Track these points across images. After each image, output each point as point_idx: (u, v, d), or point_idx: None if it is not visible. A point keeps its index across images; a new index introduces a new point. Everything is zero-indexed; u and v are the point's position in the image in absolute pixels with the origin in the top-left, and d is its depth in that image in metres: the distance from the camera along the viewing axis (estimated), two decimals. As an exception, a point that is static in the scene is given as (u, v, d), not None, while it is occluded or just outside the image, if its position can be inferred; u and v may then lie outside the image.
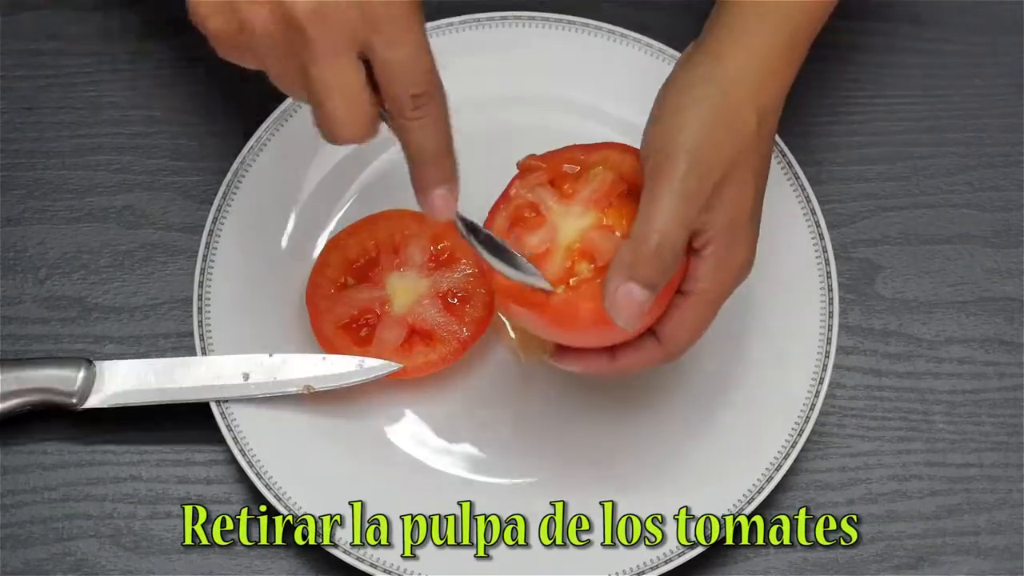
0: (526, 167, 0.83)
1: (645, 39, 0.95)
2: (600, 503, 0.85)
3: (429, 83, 0.73)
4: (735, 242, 0.77)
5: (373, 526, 0.83)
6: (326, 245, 0.90)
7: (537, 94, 0.96)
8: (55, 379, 0.85)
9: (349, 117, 0.72)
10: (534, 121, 0.95)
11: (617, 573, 0.82)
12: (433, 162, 0.75)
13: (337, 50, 0.71)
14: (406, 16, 0.71)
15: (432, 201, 0.76)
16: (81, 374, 0.85)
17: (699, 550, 0.82)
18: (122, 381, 0.86)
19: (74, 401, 0.85)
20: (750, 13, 0.80)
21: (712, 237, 0.76)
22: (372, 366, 0.86)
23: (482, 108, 0.95)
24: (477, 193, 0.83)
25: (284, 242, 0.91)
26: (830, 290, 0.88)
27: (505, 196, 0.83)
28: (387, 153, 0.92)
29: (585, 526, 0.84)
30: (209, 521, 0.86)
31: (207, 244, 0.89)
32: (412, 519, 0.84)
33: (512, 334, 0.89)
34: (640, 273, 0.73)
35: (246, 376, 0.86)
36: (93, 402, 0.85)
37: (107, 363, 0.86)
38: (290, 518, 0.83)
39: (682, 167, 0.74)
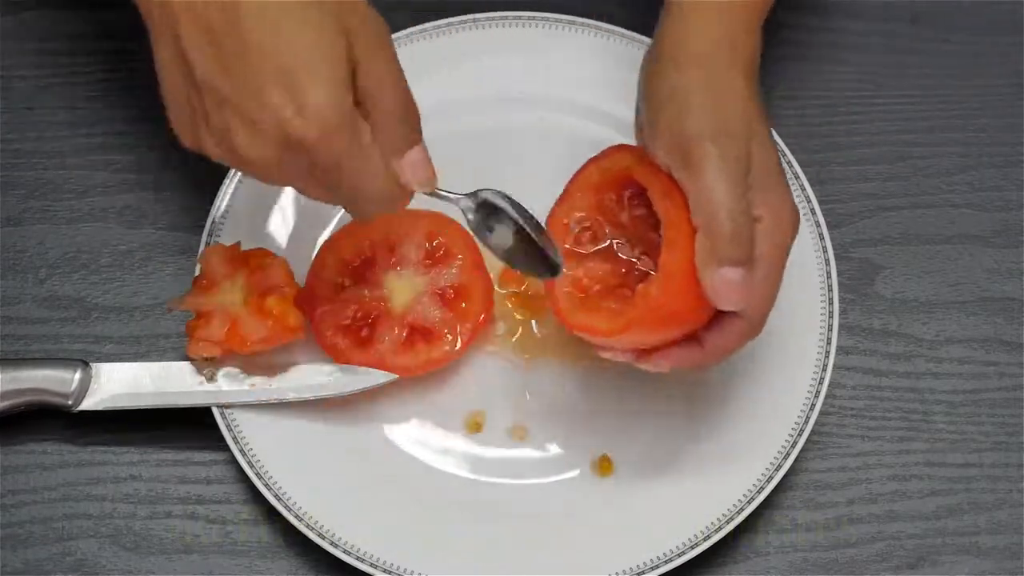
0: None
1: (645, 39, 0.95)
2: (600, 503, 0.85)
3: (407, 105, 0.76)
4: (780, 197, 0.77)
5: (373, 526, 0.83)
6: (322, 247, 0.90)
7: (537, 94, 0.96)
8: (51, 380, 0.85)
9: (381, 203, 0.76)
10: (534, 121, 0.95)
11: (617, 573, 0.82)
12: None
13: (311, 170, 0.74)
14: (343, 148, 0.73)
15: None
16: (77, 376, 0.85)
17: (699, 550, 0.82)
18: (118, 384, 0.86)
19: (69, 403, 0.85)
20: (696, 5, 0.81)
21: (759, 200, 0.76)
22: (370, 375, 0.86)
23: (482, 108, 0.95)
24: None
25: (284, 242, 0.91)
26: (830, 290, 0.88)
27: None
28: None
29: (586, 525, 0.84)
30: (209, 521, 0.86)
31: (207, 244, 0.89)
32: (412, 519, 0.84)
33: (511, 336, 0.89)
34: (726, 255, 0.74)
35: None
36: (88, 404, 0.85)
37: (104, 365, 0.86)
38: (290, 518, 0.83)
39: (715, 152, 0.75)
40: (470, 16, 0.96)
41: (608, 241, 0.82)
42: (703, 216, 0.75)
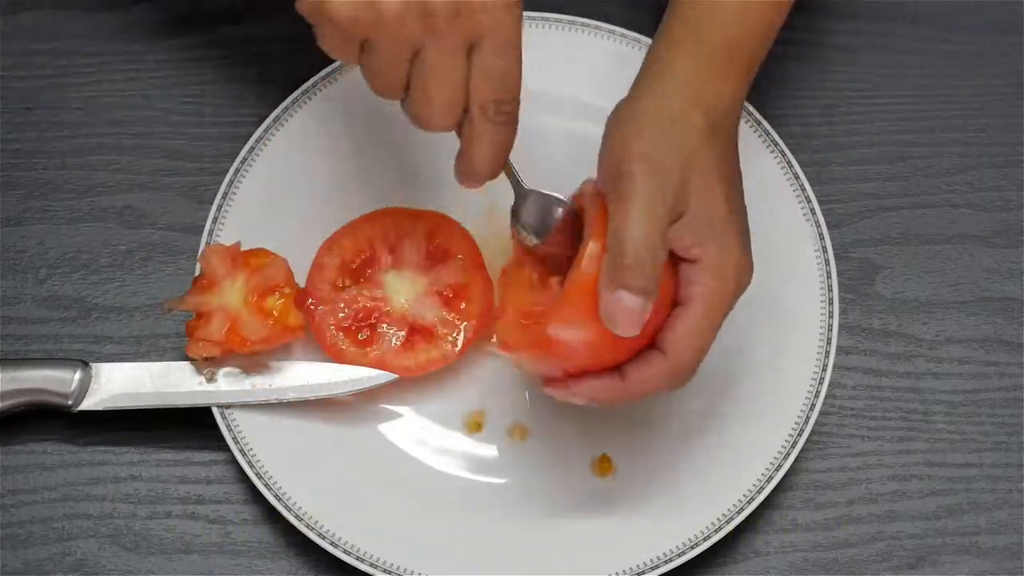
0: None
1: (645, 39, 0.95)
2: (600, 503, 0.85)
3: (514, 94, 0.78)
4: (722, 245, 0.76)
5: (373, 526, 0.83)
6: (321, 247, 0.90)
7: (537, 94, 0.95)
8: (51, 380, 0.85)
9: (447, 105, 0.77)
10: (533, 121, 0.95)
11: (617, 573, 0.82)
12: (487, 166, 0.79)
13: (457, 44, 0.75)
14: (516, 27, 0.76)
15: (467, 185, 0.80)
16: (77, 376, 0.85)
17: (699, 550, 0.82)
18: (118, 384, 0.86)
19: (69, 403, 0.85)
20: (692, 18, 0.82)
21: (696, 241, 0.76)
22: (370, 375, 0.86)
23: (482, 108, 0.95)
24: (478, 194, 0.83)
25: (284, 242, 0.91)
26: (830, 290, 0.88)
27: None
28: (384, 153, 0.93)
29: (586, 525, 0.84)
30: (209, 521, 0.86)
31: (207, 244, 0.89)
32: (412, 519, 0.84)
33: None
34: (625, 280, 0.74)
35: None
36: (88, 404, 0.85)
37: (104, 365, 0.86)
38: (290, 518, 0.83)
39: (640, 172, 0.75)
40: (470, 16, 0.96)
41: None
42: (612, 238, 0.75)
